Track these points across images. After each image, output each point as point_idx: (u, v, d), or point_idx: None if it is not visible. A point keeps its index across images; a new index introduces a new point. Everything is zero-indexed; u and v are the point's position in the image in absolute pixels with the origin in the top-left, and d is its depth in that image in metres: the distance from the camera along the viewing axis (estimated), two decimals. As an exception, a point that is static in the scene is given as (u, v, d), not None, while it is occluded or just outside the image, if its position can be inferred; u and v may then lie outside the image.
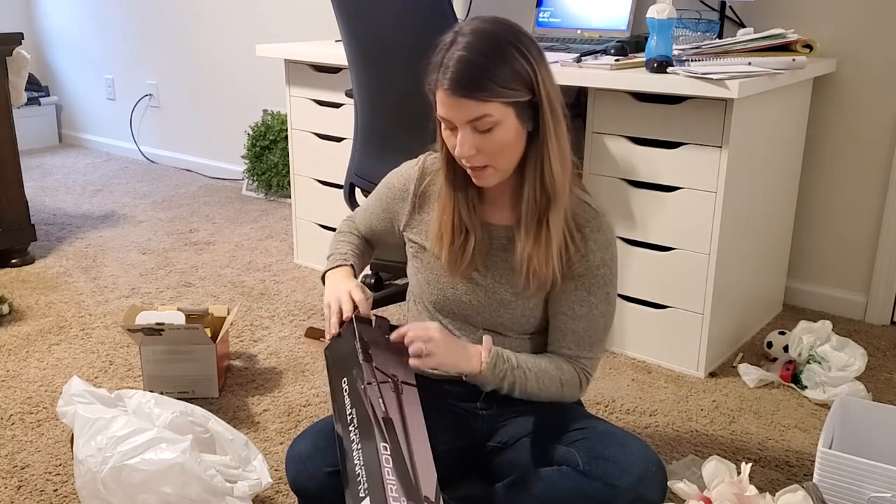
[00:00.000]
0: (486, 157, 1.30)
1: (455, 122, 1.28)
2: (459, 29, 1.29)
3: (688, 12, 2.49)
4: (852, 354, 2.02)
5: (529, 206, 1.34)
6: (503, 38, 1.27)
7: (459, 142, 1.29)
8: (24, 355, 2.27)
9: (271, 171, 3.75)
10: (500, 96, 1.26)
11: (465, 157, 1.30)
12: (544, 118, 1.30)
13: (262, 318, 2.52)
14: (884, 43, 2.34)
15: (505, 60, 1.26)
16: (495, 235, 1.43)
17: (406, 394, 1.28)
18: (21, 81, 2.93)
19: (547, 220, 1.34)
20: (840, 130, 2.46)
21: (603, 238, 1.39)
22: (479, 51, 1.26)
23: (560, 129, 1.33)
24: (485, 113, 1.26)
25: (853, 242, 2.51)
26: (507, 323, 1.46)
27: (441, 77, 1.27)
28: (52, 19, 4.99)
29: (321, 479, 1.37)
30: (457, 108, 1.27)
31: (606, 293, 1.41)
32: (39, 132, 5.01)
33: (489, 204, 1.44)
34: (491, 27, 1.28)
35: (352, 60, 2.14)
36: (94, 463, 1.47)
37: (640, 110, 2.09)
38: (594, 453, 1.36)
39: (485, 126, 1.27)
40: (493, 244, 1.43)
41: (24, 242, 3.01)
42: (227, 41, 4.08)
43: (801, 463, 1.77)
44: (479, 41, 1.27)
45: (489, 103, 1.26)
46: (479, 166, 1.31)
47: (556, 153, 1.33)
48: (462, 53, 1.26)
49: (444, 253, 1.42)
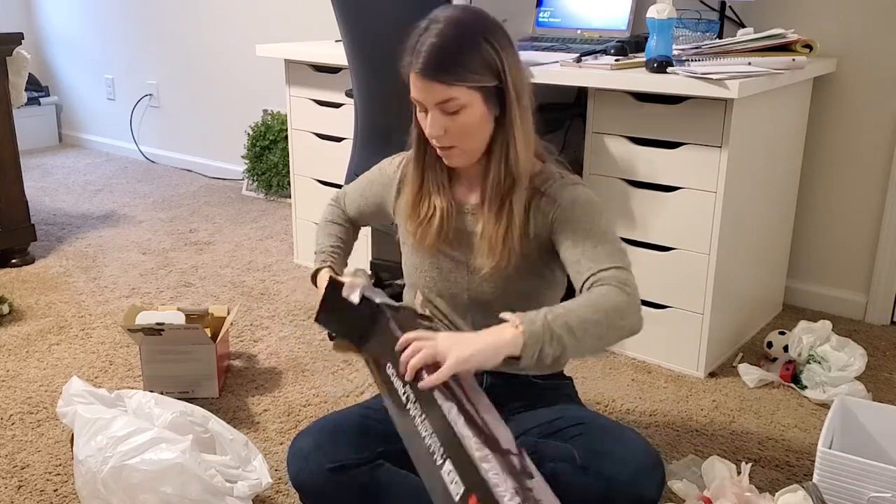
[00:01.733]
0: (453, 137, 1.37)
1: (425, 104, 1.36)
2: (434, 16, 1.37)
3: (688, 12, 2.49)
4: (852, 354, 2.02)
5: (493, 187, 1.40)
6: (473, 27, 1.35)
7: (429, 122, 1.37)
8: (24, 355, 2.27)
9: (271, 171, 3.75)
10: (467, 81, 1.33)
11: (433, 136, 1.38)
12: (510, 104, 1.37)
13: (262, 318, 2.52)
14: (884, 43, 2.34)
15: (473, 48, 1.34)
16: (466, 212, 1.48)
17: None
18: (21, 81, 2.93)
19: (510, 201, 1.40)
20: (840, 130, 2.46)
21: (567, 190, 1.41)
22: (450, 38, 1.34)
23: (525, 115, 1.40)
24: (452, 96, 1.33)
25: (853, 242, 2.51)
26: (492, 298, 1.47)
27: (414, 61, 1.35)
28: (52, 19, 4.99)
29: (322, 475, 1.37)
30: (426, 91, 1.35)
31: (591, 221, 1.37)
32: (39, 132, 5.01)
33: (460, 184, 1.50)
34: (462, 15, 1.36)
35: (352, 60, 2.14)
36: (94, 463, 1.47)
37: (640, 110, 2.09)
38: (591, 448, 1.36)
39: (452, 108, 1.34)
40: (466, 220, 1.48)
41: (24, 242, 3.01)
42: (227, 41, 4.08)
43: (801, 463, 1.77)
44: (449, 29, 1.34)
45: (456, 87, 1.33)
46: (446, 146, 1.39)
47: (520, 136, 1.39)
48: (433, 40, 1.33)
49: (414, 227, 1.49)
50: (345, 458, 1.38)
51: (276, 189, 3.80)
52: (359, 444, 1.40)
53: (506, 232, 1.41)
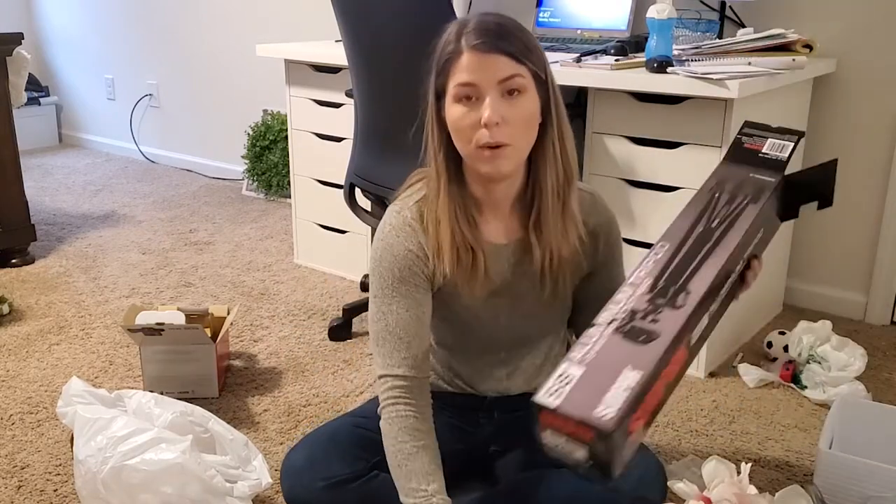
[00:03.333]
0: (511, 129, 1.21)
1: (482, 85, 1.19)
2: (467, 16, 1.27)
3: (688, 12, 2.49)
4: (852, 354, 2.02)
5: (555, 197, 1.29)
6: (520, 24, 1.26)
7: (488, 106, 1.19)
8: (24, 355, 2.27)
9: (271, 171, 3.75)
10: (530, 62, 1.22)
11: (490, 123, 1.19)
12: (558, 103, 1.28)
13: (262, 318, 2.52)
14: (884, 43, 2.34)
15: (528, 33, 1.25)
16: (505, 254, 1.37)
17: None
18: (21, 81, 2.93)
19: (570, 204, 1.32)
20: (840, 130, 2.46)
21: (607, 217, 1.41)
22: (505, 19, 1.24)
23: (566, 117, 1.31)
24: (518, 72, 1.20)
25: (853, 242, 2.51)
26: (534, 333, 1.46)
27: (466, 41, 1.20)
28: (52, 19, 4.99)
29: (316, 492, 1.36)
30: (488, 67, 1.19)
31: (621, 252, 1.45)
32: (39, 132, 5.01)
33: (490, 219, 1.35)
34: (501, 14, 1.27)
35: (352, 60, 2.14)
36: (94, 463, 1.47)
37: (640, 110, 2.09)
38: None
39: (515, 86, 1.20)
40: (508, 261, 1.37)
41: (24, 242, 3.01)
42: (227, 41, 4.08)
43: (801, 463, 1.77)
44: (498, 15, 1.24)
45: (522, 65, 1.20)
46: (498, 144, 1.21)
47: (569, 136, 1.31)
48: (487, 19, 1.22)
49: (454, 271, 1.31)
50: (338, 474, 1.36)
51: (276, 189, 3.80)
52: (353, 457, 1.38)
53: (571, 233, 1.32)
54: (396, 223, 1.33)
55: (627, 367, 0.97)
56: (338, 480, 1.36)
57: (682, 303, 1.05)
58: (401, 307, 1.32)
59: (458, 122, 1.23)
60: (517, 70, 1.20)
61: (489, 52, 1.19)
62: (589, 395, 0.95)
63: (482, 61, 1.19)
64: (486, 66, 1.19)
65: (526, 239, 1.34)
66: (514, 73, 1.20)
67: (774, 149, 1.22)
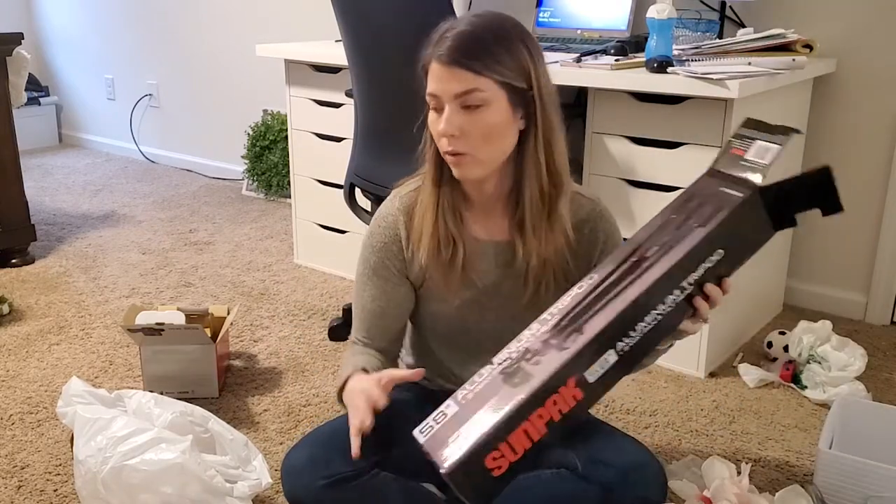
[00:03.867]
0: (469, 141, 1.23)
1: (443, 97, 1.23)
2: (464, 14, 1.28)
3: (688, 12, 2.49)
4: (852, 354, 2.02)
5: (537, 203, 1.30)
6: (509, 27, 1.26)
7: (444, 118, 1.22)
8: (24, 355, 2.27)
9: (271, 171, 3.75)
10: (495, 73, 1.22)
11: (446, 135, 1.23)
12: (544, 111, 1.27)
13: (262, 318, 2.52)
14: (884, 43, 2.34)
15: (507, 42, 1.24)
16: (494, 252, 1.38)
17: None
18: (21, 81, 2.93)
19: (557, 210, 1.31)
20: (840, 130, 2.46)
21: (608, 224, 1.39)
22: (482, 27, 1.24)
23: (559, 124, 1.30)
24: (475, 87, 1.21)
25: (853, 242, 2.51)
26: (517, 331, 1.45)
27: (435, 50, 1.23)
28: (52, 19, 4.99)
29: (317, 491, 1.35)
30: (447, 80, 1.21)
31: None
32: (39, 132, 5.00)
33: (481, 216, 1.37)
34: (499, 15, 1.27)
35: (352, 60, 2.14)
36: (93, 463, 1.47)
37: (640, 110, 2.09)
38: (593, 457, 1.36)
39: (473, 101, 1.21)
40: (495, 261, 1.38)
41: (24, 242, 3.01)
42: (227, 41, 4.08)
43: (801, 463, 1.77)
44: (483, 21, 1.25)
45: (482, 78, 1.21)
46: (458, 152, 1.24)
47: (557, 144, 1.30)
48: (464, 28, 1.23)
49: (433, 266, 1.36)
50: (339, 472, 1.36)
51: (276, 189, 3.80)
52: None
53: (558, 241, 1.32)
54: (384, 212, 1.41)
55: (487, 409, 0.99)
56: (338, 478, 1.36)
57: (569, 345, 1.02)
58: (368, 296, 1.43)
59: (431, 127, 1.29)
60: (476, 84, 1.21)
61: (450, 66, 1.21)
62: (446, 436, 0.99)
63: (443, 74, 1.22)
64: (446, 78, 1.22)
65: (512, 240, 1.35)
66: (472, 88, 1.21)
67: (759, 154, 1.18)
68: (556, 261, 1.34)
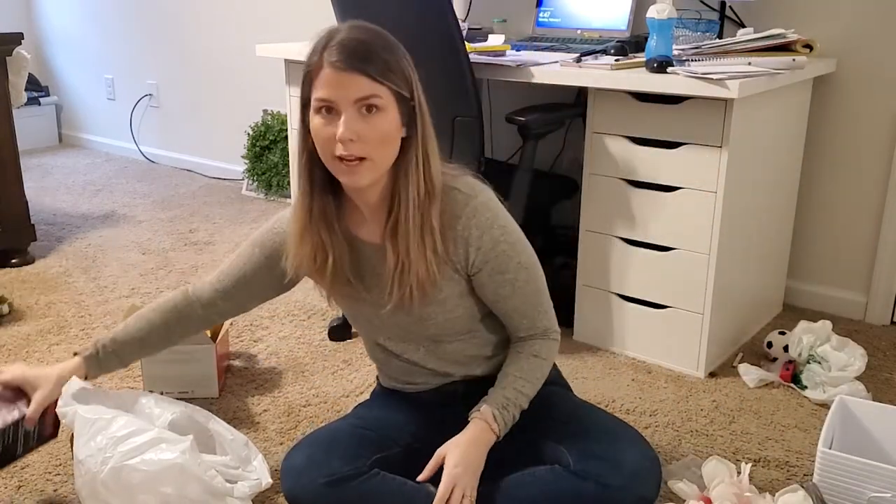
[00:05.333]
0: (366, 145, 1.25)
1: (339, 102, 1.24)
2: (343, 24, 1.30)
3: (688, 12, 2.49)
4: (852, 354, 2.02)
5: (413, 209, 1.31)
6: (391, 38, 1.29)
7: (343, 123, 1.23)
8: (24, 355, 2.27)
9: (271, 171, 3.75)
10: (390, 81, 1.25)
11: (343, 140, 1.24)
12: (423, 119, 1.31)
13: (262, 318, 2.52)
14: (884, 43, 2.34)
15: (394, 53, 1.27)
16: (371, 255, 1.40)
17: None
18: (21, 81, 2.93)
19: (430, 220, 1.32)
20: (840, 130, 2.46)
21: (482, 220, 1.36)
22: (371, 37, 1.27)
23: (433, 139, 1.33)
24: (374, 92, 1.24)
25: (853, 242, 2.51)
26: (438, 332, 1.45)
27: (327, 56, 1.24)
28: (52, 19, 4.99)
29: (317, 490, 1.36)
30: (345, 85, 1.23)
31: (517, 263, 1.39)
32: (39, 132, 5.01)
33: (355, 221, 1.41)
34: (377, 27, 1.29)
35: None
36: (93, 463, 1.46)
37: (640, 110, 2.09)
38: (586, 452, 1.36)
39: (371, 104, 1.24)
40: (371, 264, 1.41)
41: (24, 242, 3.01)
42: (227, 41, 4.08)
43: (801, 463, 1.77)
44: (369, 31, 1.27)
45: (380, 85, 1.24)
46: (355, 157, 1.26)
47: (433, 152, 1.33)
48: (355, 35, 1.26)
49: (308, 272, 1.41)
50: (338, 472, 1.37)
51: (276, 189, 3.80)
52: (352, 456, 1.39)
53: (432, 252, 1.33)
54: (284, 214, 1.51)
55: None
56: (338, 478, 1.37)
57: None
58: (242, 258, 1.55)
59: (317, 133, 1.28)
60: (374, 90, 1.24)
61: (347, 71, 1.23)
62: None
63: (340, 79, 1.23)
64: (343, 84, 1.23)
65: (383, 245, 1.37)
66: (371, 94, 1.24)
67: None
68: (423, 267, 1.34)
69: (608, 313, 2.27)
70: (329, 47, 1.24)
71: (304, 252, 1.38)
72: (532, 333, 1.45)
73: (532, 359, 1.44)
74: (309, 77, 1.27)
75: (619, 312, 2.25)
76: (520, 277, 1.40)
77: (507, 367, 1.44)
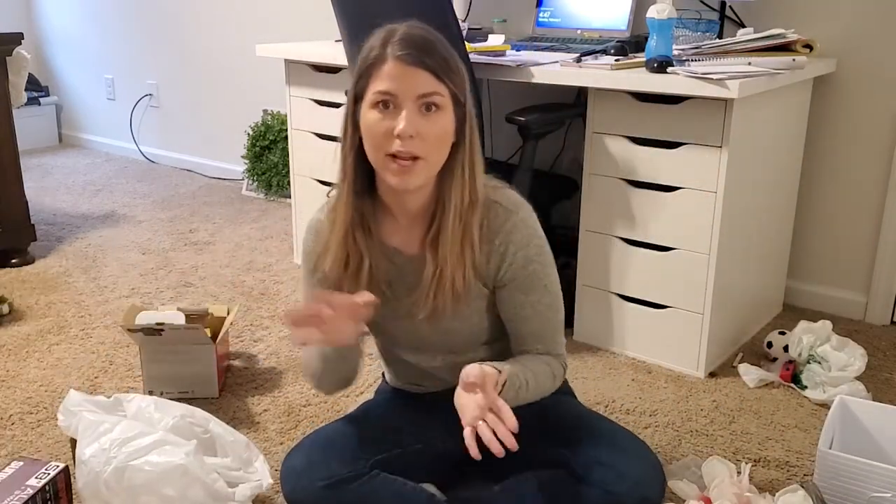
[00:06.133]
0: (424, 144, 1.21)
1: (401, 96, 1.20)
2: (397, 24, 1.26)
3: (688, 12, 2.49)
4: (852, 354, 2.02)
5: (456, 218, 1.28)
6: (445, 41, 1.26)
7: (404, 118, 1.20)
8: (24, 355, 2.27)
9: (271, 171, 3.75)
10: (451, 82, 1.23)
11: (404, 136, 1.20)
12: (472, 126, 1.28)
13: (262, 318, 2.52)
14: (884, 43, 2.34)
15: (454, 54, 1.25)
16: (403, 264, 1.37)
17: None
18: (21, 81, 2.93)
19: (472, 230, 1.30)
20: (840, 130, 2.46)
21: (521, 237, 1.34)
22: (435, 36, 1.24)
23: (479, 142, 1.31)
24: (437, 90, 1.21)
25: (853, 242, 2.51)
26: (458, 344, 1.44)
27: (392, 49, 1.21)
28: (52, 19, 4.99)
29: (316, 493, 1.36)
30: (409, 80, 1.20)
31: (544, 286, 1.37)
32: (39, 132, 5.00)
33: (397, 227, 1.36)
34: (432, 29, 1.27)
35: (351, 60, 2.14)
36: (97, 463, 1.47)
37: (640, 110, 2.09)
38: (591, 458, 1.36)
39: (433, 105, 1.21)
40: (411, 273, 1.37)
41: (24, 242, 3.01)
42: (227, 41, 4.08)
43: (801, 463, 1.77)
44: (429, 31, 1.25)
45: (442, 83, 1.22)
46: (410, 157, 1.21)
47: (479, 161, 1.31)
48: (416, 32, 1.23)
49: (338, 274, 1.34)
50: (338, 474, 1.36)
51: (276, 189, 3.80)
52: (351, 457, 1.39)
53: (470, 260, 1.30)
54: (312, 221, 1.42)
55: None
56: (338, 480, 1.37)
57: None
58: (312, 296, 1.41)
59: (372, 128, 1.23)
60: (437, 88, 1.21)
61: (412, 65, 1.20)
62: None
63: (405, 73, 1.20)
64: (407, 77, 1.20)
65: (422, 254, 1.34)
66: (434, 91, 1.21)
67: None
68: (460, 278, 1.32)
69: (608, 313, 2.27)
70: (392, 42, 1.21)
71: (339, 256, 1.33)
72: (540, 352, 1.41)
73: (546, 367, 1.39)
74: (368, 70, 1.23)
75: (619, 312, 2.25)
76: (543, 301, 1.37)
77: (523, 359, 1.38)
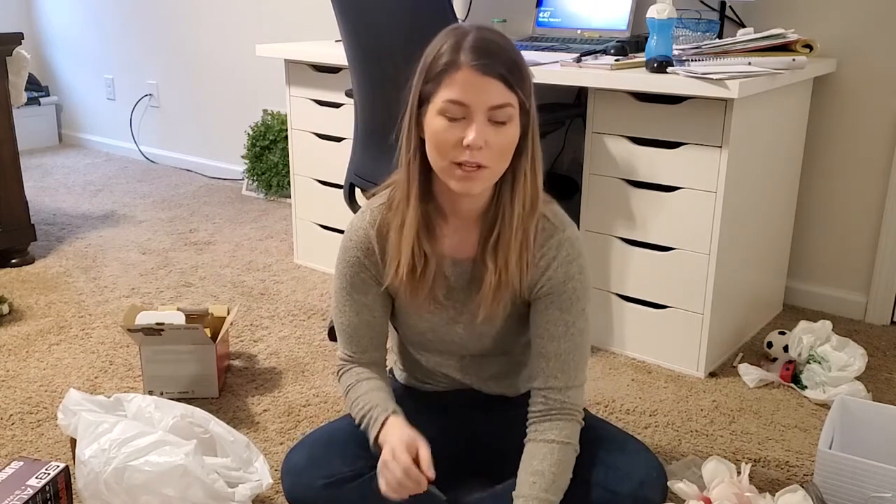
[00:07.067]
0: (490, 154, 1.20)
1: (474, 107, 1.18)
2: (473, 24, 1.24)
3: (688, 12, 2.49)
4: (852, 354, 2.02)
5: (518, 223, 1.28)
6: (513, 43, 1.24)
7: (475, 129, 1.18)
8: (24, 355, 2.27)
9: (271, 171, 3.75)
10: (521, 91, 1.21)
11: (474, 147, 1.18)
12: (535, 132, 1.27)
13: (262, 318, 2.52)
14: (884, 43, 2.34)
15: (522, 59, 1.23)
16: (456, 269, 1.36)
17: None
18: (21, 81, 2.93)
19: (529, 236, 1.30)
20: (840, 130, 2.46)
21: (565, 254, 1.33)
22: (505, 41, 1.22)
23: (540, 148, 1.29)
24: (508, 101, 1.19)
25: (853, 242, 2.51)
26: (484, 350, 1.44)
27: (465, 57, 1.17)
28: (52, 19, 4.99)
29: (316, 491, 1.36)
30: (482, 90, 1.17)
31: (581, 309, 1.35)
32: (39, 132, 5.00)
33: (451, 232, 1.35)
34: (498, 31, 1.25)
35: (352, 60, 2.14)
36: (97, 463, 1.47)
37: (640, 110, 2.09)
38: (594, 459, 1.36)
39: (503, 116, 1.19)
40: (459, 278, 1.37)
41: (24, 242, 3.01)
42: (227, 41, 4.08)
43: (801, 463, 1.77)
44: (499, 35, 1.22)
45: (513, 93, 1.19)
46: (477, 165, 1.20)
47: (540, 168, 1.29)
48: (488, 37, 1.20)
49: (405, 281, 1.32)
50: (338, 472, 1.36)
51: (276, 189, 3.80)
52: (352, 456, 1.38)
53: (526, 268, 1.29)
54: (356, 225, 1.37)
55: None
56: (338, 479, 1.37)
57: None
58: (352, 311, 1.40)
59: (438, 135, 1.22)
60: (508, 98, 1.19)
61: (487, 76, 1.17)
62: None
63: (479, 83, 1.17)
64: (481, 88, 1.17)
65: (480, 259, 1.33)
66: (506, 102, 1.19)
67: None
68: (517, 282, 1.32)
69: (608, 313, 2.27)
70: (465, 48, 1.18)
71: (408, 261, 1.30)
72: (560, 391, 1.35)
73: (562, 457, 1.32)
74: (439, 77, 1.20)
75: (619, 312, 2.25)
76: (577, 325, 1.34)
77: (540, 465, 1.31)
